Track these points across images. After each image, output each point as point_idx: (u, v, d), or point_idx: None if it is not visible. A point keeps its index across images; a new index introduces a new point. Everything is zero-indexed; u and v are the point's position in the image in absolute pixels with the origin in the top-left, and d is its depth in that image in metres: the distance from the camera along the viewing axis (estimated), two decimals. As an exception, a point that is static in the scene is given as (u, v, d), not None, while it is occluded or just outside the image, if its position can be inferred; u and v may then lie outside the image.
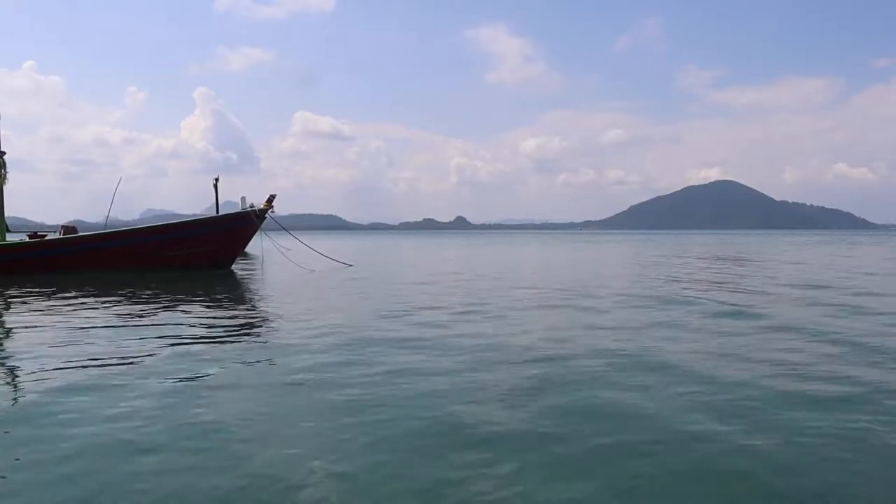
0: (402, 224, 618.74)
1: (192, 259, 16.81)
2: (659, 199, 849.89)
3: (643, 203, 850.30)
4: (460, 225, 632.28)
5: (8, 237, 16.73)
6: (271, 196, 17.59)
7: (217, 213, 18.52)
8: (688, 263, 21.24)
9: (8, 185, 16.33)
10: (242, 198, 17.53)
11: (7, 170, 16.27)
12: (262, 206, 17.35)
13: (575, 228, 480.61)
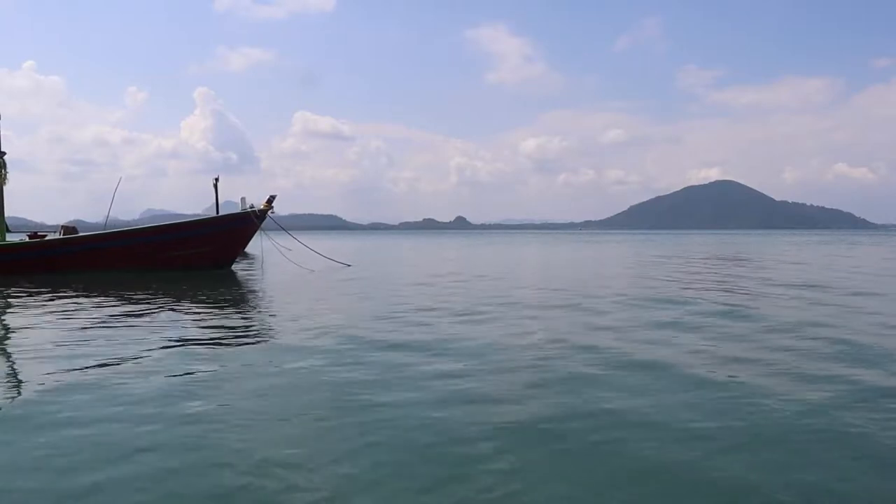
0: (402, 224, 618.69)
1: (195, 259, 16.86)
2: (659, 199, 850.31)
3: (643, 203, 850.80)
4: (460, 225, 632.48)
5: (8, 237, 16.75)
6: (271, 197, 17.68)
7: (217, 212, 18.56)
8: (688, 263, 21.25)
9: (8, 185, 16.34)
10: (242, 198, 17.62)
11: (7, 170, 16.27)
12: (262, 207, 17.42)
13: (575, 228, 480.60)
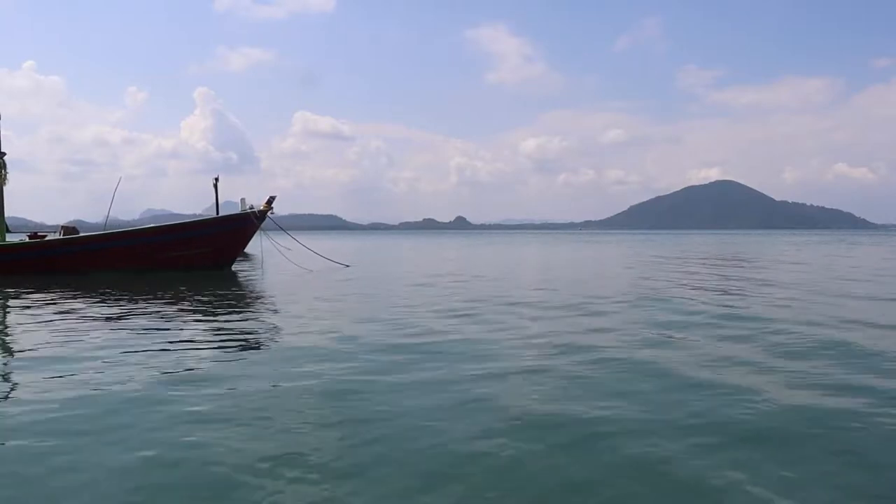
0: (402, 224, 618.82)
1: (196, 259, 16.89)
2: (659, 199, 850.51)
3: (643, 203, 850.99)
4: (460, 225, 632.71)
5: (8, 237, 16.76)
6: (271, 197, 17.73)
7: (217, 212, 18.59)
8: (687, 264, 21.26)
9: (8, 185, 16.36)
10: (242, 199, 17.65)
11: (7, 170, 16.29)
12: (261, 208, 17.45)
13: (575, 228, 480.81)
